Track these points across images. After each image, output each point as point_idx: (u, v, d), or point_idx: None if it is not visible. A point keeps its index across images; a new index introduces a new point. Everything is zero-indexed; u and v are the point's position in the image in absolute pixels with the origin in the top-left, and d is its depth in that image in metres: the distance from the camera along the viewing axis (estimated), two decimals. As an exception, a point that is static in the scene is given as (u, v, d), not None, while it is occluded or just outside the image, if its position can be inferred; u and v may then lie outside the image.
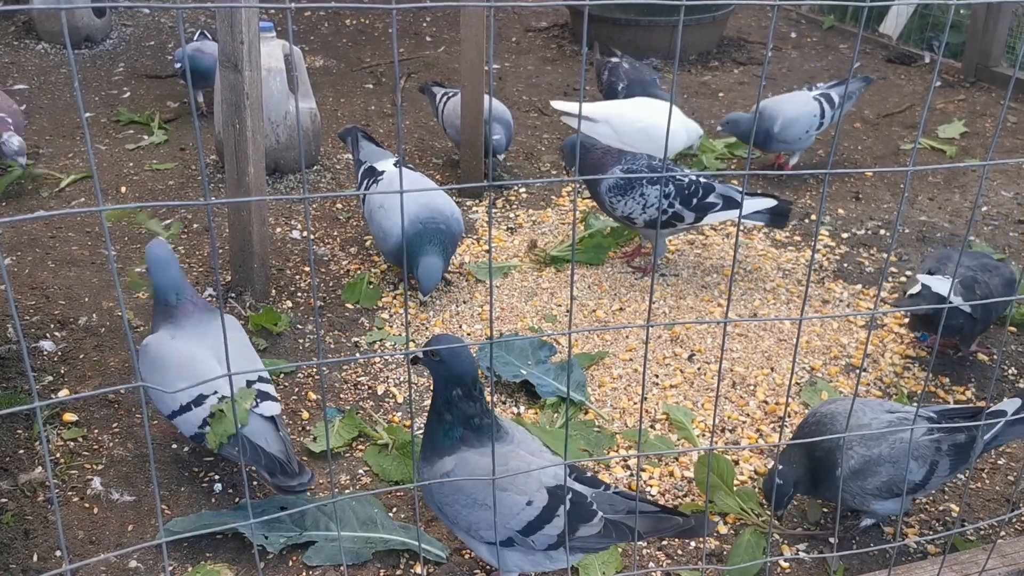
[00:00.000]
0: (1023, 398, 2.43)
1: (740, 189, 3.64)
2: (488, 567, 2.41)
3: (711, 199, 3.57)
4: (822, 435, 2.35)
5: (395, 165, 3.67)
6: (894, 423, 2.35)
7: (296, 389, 3.08)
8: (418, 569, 2.40)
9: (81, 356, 3.20)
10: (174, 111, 5.31)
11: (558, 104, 4.54)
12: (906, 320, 3.47)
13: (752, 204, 3.63)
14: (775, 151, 4.63)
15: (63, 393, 3.00)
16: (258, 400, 2.49)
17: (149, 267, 2.65)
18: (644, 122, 4.30)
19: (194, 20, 6.84)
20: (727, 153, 4.87)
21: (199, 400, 2.47)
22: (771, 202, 3.64)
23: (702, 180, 3.59)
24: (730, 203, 3.58)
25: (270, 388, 2.57)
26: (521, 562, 2.20)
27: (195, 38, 5.44)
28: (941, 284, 3.00)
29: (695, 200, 3.56)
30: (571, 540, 2.11)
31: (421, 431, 2.86)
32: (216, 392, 2.47)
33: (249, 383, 2.51)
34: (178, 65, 5.06)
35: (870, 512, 2.46)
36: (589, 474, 2.27)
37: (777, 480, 2.34)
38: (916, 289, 3.04)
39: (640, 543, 2.50)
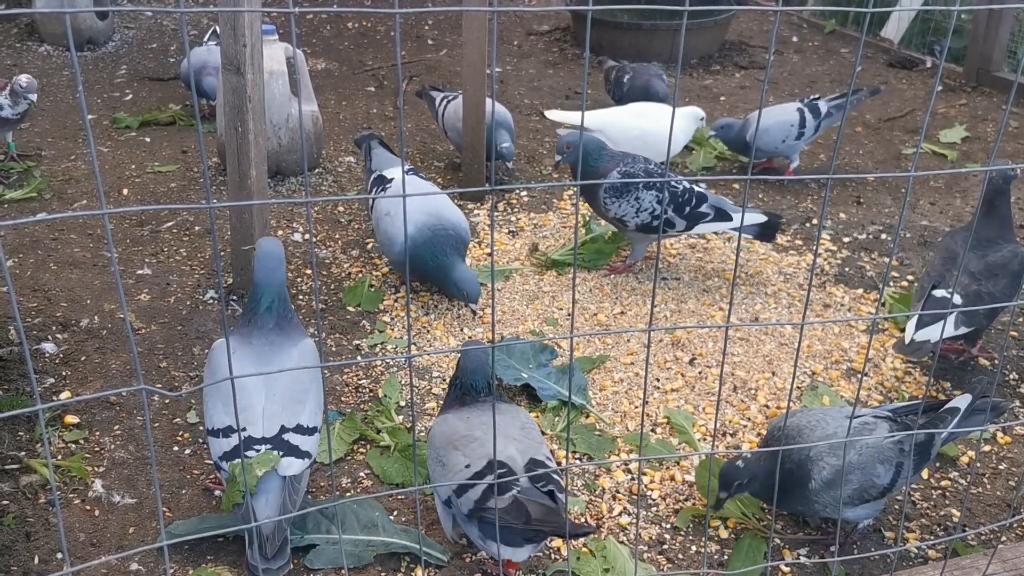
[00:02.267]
0: (973, 394, 2.48)
1: (731, 203, 3.67)
2: (490, 571, 2.41)
3: (703, 209, 3.59)
4: (791, 450, 2.37)
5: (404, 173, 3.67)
6: (858, 428, 2.38)
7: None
8: (419, 572, 2.40)
9: (83, 358, 3.20)
10: (176, 114, 5.31)
11: (553, 115, 4.54)
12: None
13: (744, 218, 3.63)
14: (759, 158, 4.62)
15: (65, 395, 3.00)
16: (280, 453, 2.33)
17: (256, 260, 2.50)
18: (640, 129, 4.31)
19: (196, 23, 6.85)
20: (729, 155, 4.88)
21: (228, 432, 2.36)
22: (762, 217, 3.66)
23: (696, 189, 3.60)
24: (721, 215, 3.60)
25: (304, 440, 2.37)
26: (468, 529, 2.29)
27: (207, 38, 5.44)
28: (933, 331, 2.96)
29: (688, 208, 3.58)
30: (483, 510, 2.18)
31: (423, 434, 2.88)
32: (245, 430, 2.33)
33: (284, 430, 2.36)
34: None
35: (842, 519, 2.47)
36: (553, 467, 2.28)
37: (739, 463, 2.38)
38: (910, 338, 3.00)
39: (642, 548, 2.50)
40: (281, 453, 2.33)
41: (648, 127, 4.31)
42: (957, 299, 3.00)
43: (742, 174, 4.64)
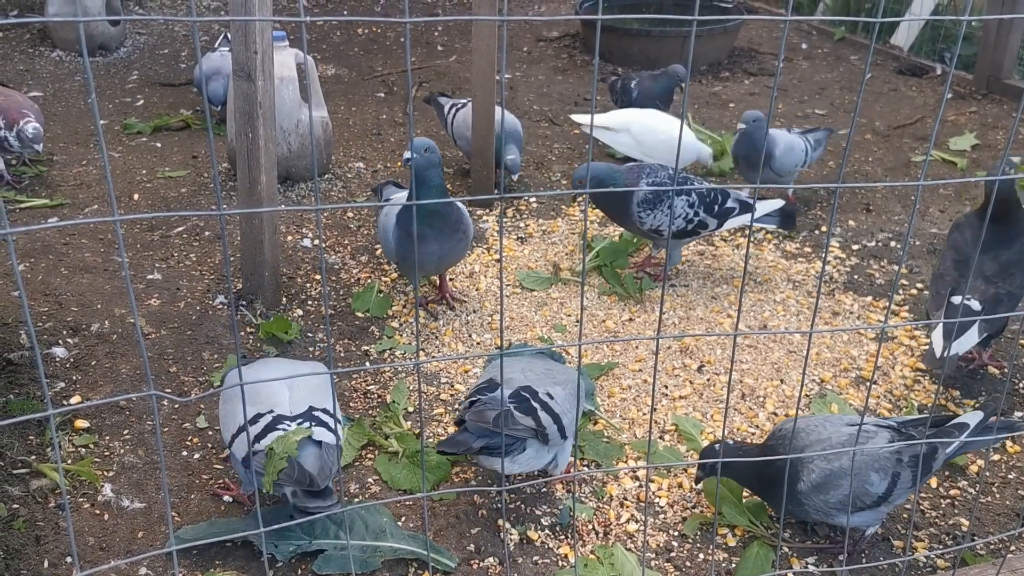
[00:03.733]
0: (986, 411, 2.46)
1: (746, 196, 3.73)
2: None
3: (729, 204, 3.66)
4: (785, 449, 2.40)
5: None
6: (854, 436, 2.36)
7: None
8: (426, 578, 2.40)
9: (93, 363, 3.22)
10: (187, 119, 5.34)
11: (577, 118, 4.54)
12: (917, 331, 3.46)
13: (764, 207, 3.78)
14: (765, 178, 4.44)
15: (75, 400, 3.02)
16: (311, 424, 2.41)
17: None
18: (666, 133, 4.32)
19: (207, 29, 6.89)
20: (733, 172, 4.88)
21: (254, 419, 2.40)
22: (779, 202, 3.80)
23: (716, 187, 3.65)
24: (744, 207, 3.69)
25: (331, 422, 2.46)
26: None
27: (218, 43, 5.47)
28: (960, 343, 2.96)
29: (716, 207, 3.64)
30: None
31: (431, 440, 2.88)
32: (272, 412, 2.41)
33: (313, 409, 2.44)
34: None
35: (840, 525, 2.46)
36: (550, 403, 2.51)
37: (716, 446, 2.49)
38: (941, 353, 2.98)
39: (649, 555, 2.49)
40: (313, 424, 2.40)
41: (674, 132, 4.31)
42: (976, 304, 2.99)
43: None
